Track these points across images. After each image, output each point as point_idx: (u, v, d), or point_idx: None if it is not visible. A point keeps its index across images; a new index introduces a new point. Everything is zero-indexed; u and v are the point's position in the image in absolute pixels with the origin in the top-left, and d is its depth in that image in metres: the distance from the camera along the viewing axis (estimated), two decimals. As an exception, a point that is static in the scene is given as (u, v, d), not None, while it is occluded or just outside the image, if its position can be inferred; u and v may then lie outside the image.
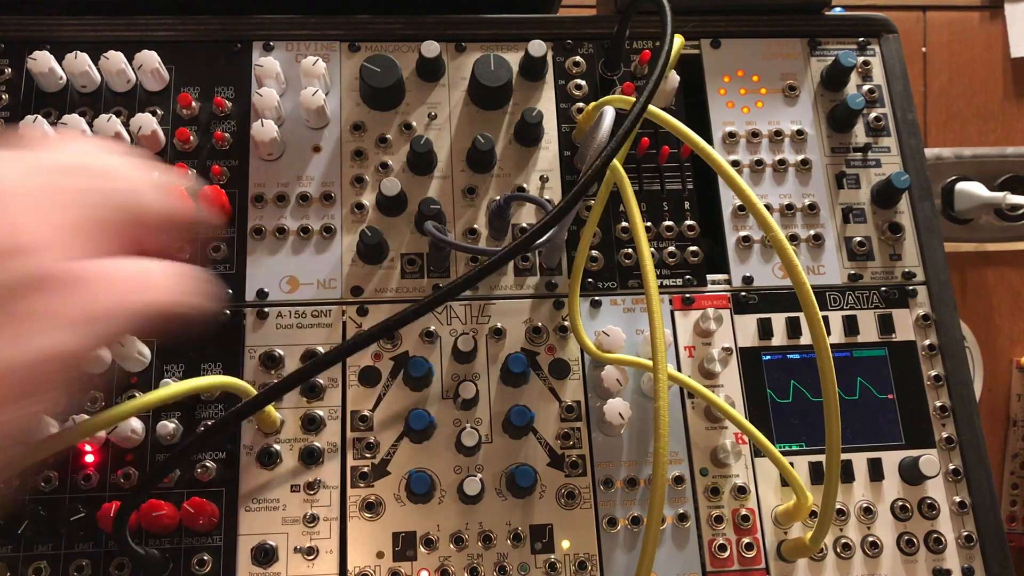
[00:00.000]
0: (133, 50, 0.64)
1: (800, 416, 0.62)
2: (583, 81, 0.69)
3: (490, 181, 0.66)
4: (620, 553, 0.58)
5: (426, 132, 0.67)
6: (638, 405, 0.61)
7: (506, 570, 0.57)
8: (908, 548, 0.60)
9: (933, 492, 0.61)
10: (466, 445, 0.57)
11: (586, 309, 0.64)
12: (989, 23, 1.10)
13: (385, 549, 0.57)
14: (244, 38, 0.68)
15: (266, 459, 0.57)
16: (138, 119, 0.62)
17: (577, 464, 0.60)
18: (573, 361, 0.62)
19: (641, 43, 0.71)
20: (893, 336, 0.65)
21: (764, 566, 0.59)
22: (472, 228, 0.64)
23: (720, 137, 0.69)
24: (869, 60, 0.72)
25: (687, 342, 0.63)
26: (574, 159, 0.67)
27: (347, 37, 0.69)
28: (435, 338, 0.62)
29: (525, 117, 0.64)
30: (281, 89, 0.66)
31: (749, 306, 0.65)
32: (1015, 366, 1.02)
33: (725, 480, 0.60)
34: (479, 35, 0.70)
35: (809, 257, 0.67)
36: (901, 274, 0.67)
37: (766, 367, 0.63)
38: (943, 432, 0.63)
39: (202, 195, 0.60)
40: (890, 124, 0.71)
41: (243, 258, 0.63)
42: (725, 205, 0.67)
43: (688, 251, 0.66)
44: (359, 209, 0.64)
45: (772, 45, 0.72)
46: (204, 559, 0.55)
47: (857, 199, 0.68)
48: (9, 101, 0.64)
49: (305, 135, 0.66)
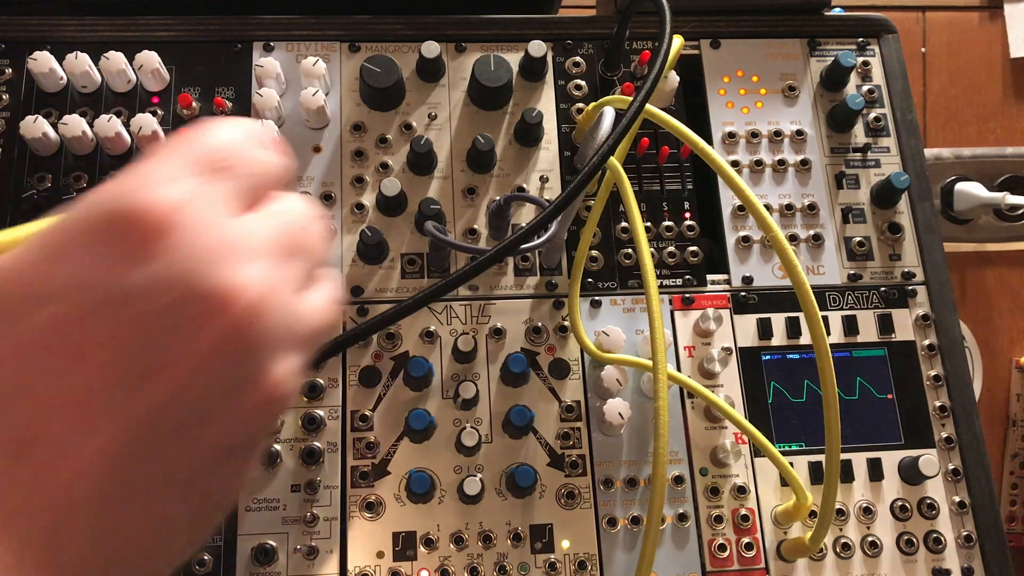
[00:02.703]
0: (133, 50, 0.64)
1: (800, 416, 0.62)
2: (583, 81, 0.69)
3: (490, 181, 0.66)
4: (620, 553, 0.58)
5: (426, 132, 0.67)
6: (638, 405, 0.61)
7: (506, 570, 0.57)
8: (908, 548, 0.60)
9: (933, 492, 0.61)
10: (466, 445, 0.57)
11: (586, 309, 0.64)
12: (989, 23, 1.10)
13: (385, 549, 0.57)
14: (244, 38, 0.68)
15: (266, 459, 0.58)
16: (138, 119, 0.62)
17: (577, 464, 0.60)
18: (573, 361, 0.62)
19: (641, 43, 0.71)
20: (893, 336, 0.65)
21: (764, 566, 0.59)
22: (472, 228, 0.65)
23: (720, 137, 0.69)
24: (869, 60, 0.72)
25: (687, 342, 0.64)
26: (574, 159, 0.67)
27: (347, 37, 0.69)
28: (435, 338, 0.62)
29: (525, 117, 0.64)
30: (281, 89, 0.66)
31: (749, 306, 0.65)
32: (1015, 366, 1.02)
33: (725, 480, 0.60)
34: (479, 35, 0.70)
35: (809, 257, 0.67)
36: (901, 274, 0.67)
37: (766, 367, 0.63)
38: (943, 432, 0.63)
39: None
40: (890, 124, 0.71)
41: (243, 258, 0.62)
42: (725, 205, 0.67)
43: (688, 251, 0.66)
44: (359, 209, 0.64)
45: (772, 45, 0.72)
46: (204, 559, 0.56)
47: (857, 199, 0.68)
48: (9, 101, 0.65)
49: (305, 135, 0.66)
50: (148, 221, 0.25)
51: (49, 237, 0.25)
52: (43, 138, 0.61)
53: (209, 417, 0.26)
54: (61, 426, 0.24)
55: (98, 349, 0.24)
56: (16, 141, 0.63)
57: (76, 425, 0.24)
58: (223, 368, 0.26)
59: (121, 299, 0.24)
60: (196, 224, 0.25)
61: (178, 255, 0.25)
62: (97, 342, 0.24)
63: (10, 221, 0.62)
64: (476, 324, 0.62)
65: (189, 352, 0.25)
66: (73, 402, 0.24)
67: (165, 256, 0.25)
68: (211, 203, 0.26)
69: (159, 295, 0.24)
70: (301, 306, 0.29)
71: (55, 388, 0.24)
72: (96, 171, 0.63)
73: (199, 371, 0.25)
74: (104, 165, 0.64)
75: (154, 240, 0.25)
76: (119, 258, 0.24)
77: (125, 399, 0.24)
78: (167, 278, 0.25)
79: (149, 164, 0.26)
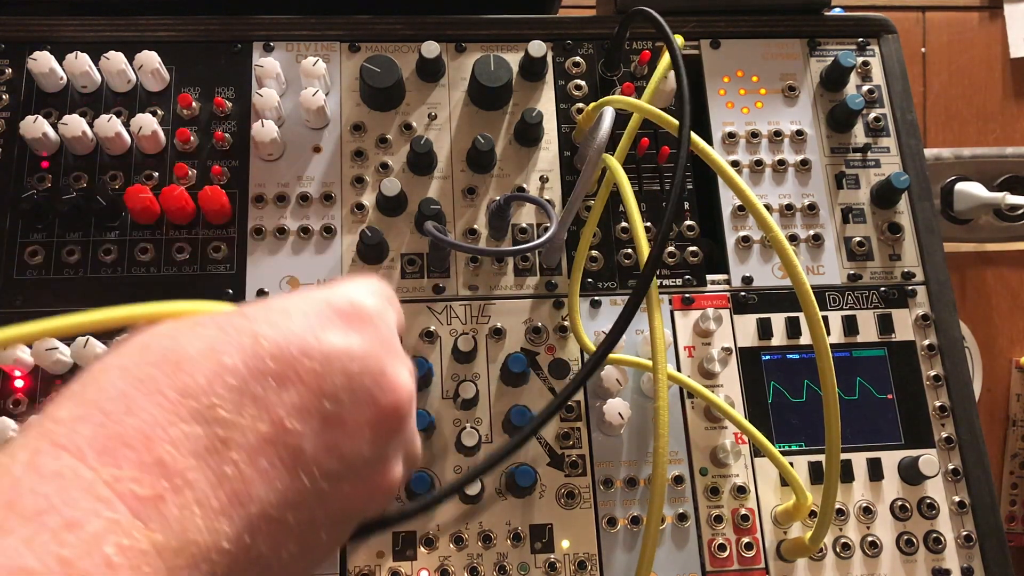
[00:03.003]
0: (133, 50, 0.64)
1: (800, 416, 0.62)
2: (583, 81, 0.69)
3: (490, 181, 0.66)
4: (620, 553, 0.58)
5: (426, 132, 0.67)
6: (638, 405, 0.61)
7: (506, 570, 0.57)
8: (907, 548, 0.60)
9: (932, 492, 0.61)
10: (466, 445, 0.57)
11: (586, 309, 0.64)
12: (989, 23, 1.10)
13: (385, 549, 0.57)
14: (244, 38, 0.68)
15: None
16: (138, 119, 0.62)
17: (577, 464, 0.60)
18: (573, 361, 0.62)
19: (641, 43, 0.71)
20: (892, 336, 0.65)
21: (764, 566, 0.59)
22: (472, 228, 0.65)
23: (720, 137, 0.69)
24: (868, 60, 0.72)
25: (687, 342, 0.64)
26: (574, 159, 0.67)
27: (347, 37, 0.69)
28: (435, 338, 0.62)
29: (525, 117, 0.64)
30: (281, 89, 0.66)
31: (749, 306, 0.65)
32: (1014, 366, 1.02)
33: (725, 480, 0.60)
34: (479, 35, 0.70)
35: (808, 257, 0.67)
36: (900, 274, 0.67)
37: (766, 367, 0.63)
38: (942, 432, 0.63)
39: (202, 195, 0.61)
40: (889, 124, 0.71)
41: (243, 258, 0.63)
42: (725, 205, 0.67)
43: (688, 251, 0.66)
44: (359, 209, 0.64)
45: (772, 46, 0.72)
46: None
47: (856, 199, 0.68)
48: (9, 101, 0.65)
49: (305, 135, 0.66)
50: (392, 380, 0.33)
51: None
52: (43, 138, 0.61)
53: (350, 477, 0.32)
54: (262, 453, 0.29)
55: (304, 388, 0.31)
56: (16, 141, 0.63)
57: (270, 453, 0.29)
58: (373, 439, 0.32)
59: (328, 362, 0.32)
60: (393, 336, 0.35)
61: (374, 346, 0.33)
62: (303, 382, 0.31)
63: (10, 221, 0.62)
64: (476, 324, 0.62)
65: (360, 415, 0.31)
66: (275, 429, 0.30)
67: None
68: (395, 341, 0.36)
69: (356, 367, 0.32)
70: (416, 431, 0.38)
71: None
72: (96, 171, 0.63)
73: (359, 434, 0.31)
74: (104, 165, 0.64)
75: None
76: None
77: (311, 434, 0.30)
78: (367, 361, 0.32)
79: (394, 359, 0.34)
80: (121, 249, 0.62)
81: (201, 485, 0.26)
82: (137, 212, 0.61)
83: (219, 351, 0.29)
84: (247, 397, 0.28)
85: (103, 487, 0.24)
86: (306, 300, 0.33)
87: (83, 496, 0.24)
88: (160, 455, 0.26)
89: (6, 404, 0.58)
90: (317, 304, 0.33)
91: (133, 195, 0.60)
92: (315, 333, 0.31)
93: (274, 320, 0.31)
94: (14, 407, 0.57)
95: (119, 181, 0.63)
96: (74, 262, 0.61)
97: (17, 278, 0.61)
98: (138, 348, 0.29)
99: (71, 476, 0.24)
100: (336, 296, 0.33)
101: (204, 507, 0.26)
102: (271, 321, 0.31)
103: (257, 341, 0.30)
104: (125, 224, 0.62)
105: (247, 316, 0.31)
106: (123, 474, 0.25)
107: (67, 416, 0.26)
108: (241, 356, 0.29)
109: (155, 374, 0.28)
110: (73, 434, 0.26)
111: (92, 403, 0.27)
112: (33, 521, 0.23)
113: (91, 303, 0.60)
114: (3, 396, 0.58)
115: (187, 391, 0.27)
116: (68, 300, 0.60)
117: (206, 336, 0.30)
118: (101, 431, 0.26)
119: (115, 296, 0.61)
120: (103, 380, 0.28)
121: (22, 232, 0.62)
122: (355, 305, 0.33)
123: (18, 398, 0.58)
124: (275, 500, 0.28)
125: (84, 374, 0.29)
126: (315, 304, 0.33)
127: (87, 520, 0.24)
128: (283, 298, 0.33)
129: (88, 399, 0.27)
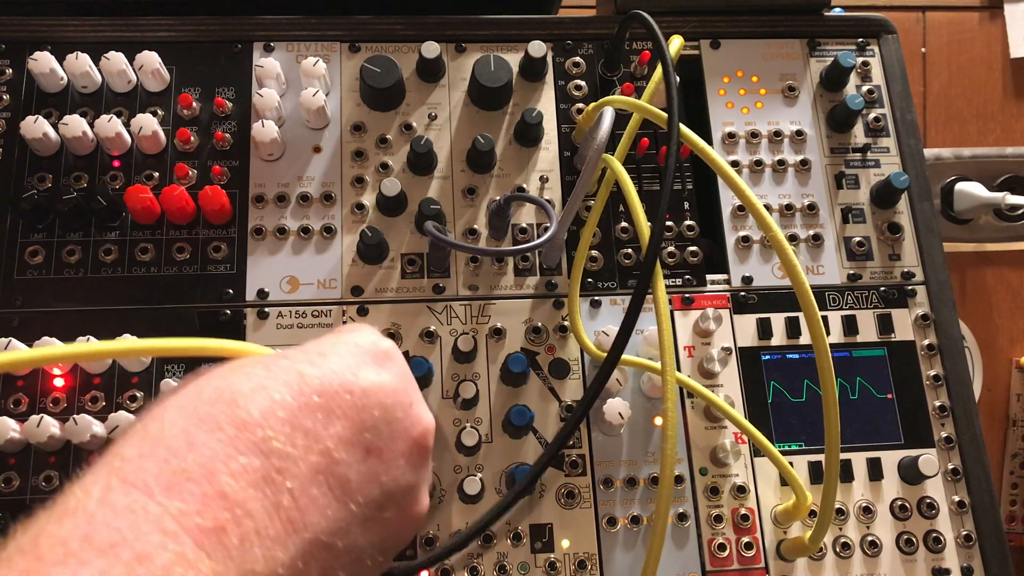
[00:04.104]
0: (134, 51, 0.64)
1: (799, 416, 0.62)
2: (583, 82, 0.69)
3: (490, 181, 0.66)
4: (620, 552, 0.58)
5: (426, 132, 0.67)
6: (637, 405, 0.61)
7: (506, 569, 0.57)
8: (907, 547, 0.60)
9: (932, 492, 0.61)
10: (466, 445, 0.57)
11: (586, 309, 0.64)
12: (989, 23, 1.10)
13: (385, 549, 0.57)
14: (244, 39, 0.68)
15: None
16: (139, 119, 0.62)
17: (577, 464, 0.60)
18: (573, 361, 0.62)
19: (641, 44, 0.71)
20: (892, 336, 0.65)
21: (763, 565, 0.59)
22: (472, 228, 0.65)
23: (720, 137, 0.69)
24: (868, 61, 0.72)
25: (687, 342, 0.64)
26: (574, 159, 0.67)
27: (347, 38, 0.69)
28: (435, 338, 0.62)
29: (525, 117, 0.64)
30: (281, 90, 0.66)
31: (748, 306, 0.65)
32: (1014, 366, 1.02)
33: (724, 480, 0.60)
34: (479, 36, 0.70)
35: (808, 257, 0.67)
36: (900, 274, 0.67)
37: (765, 367, 0.63)
38: (942, 432, 0.63)
39: (202, 195, 0.61)
40: (889, 124, 0.71)
41: (243, 258, 0.63)
42: (724, 205, 0.68)
43: (688, 251, 0.66)
44: (359, 209, 0.64)
45: (772, 46, 0.72)
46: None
47: (856, 199, 0.68)
48: (10, 101, 0.65)
49: (305, 135, 0.66)
50: (424, 424, 0.38)
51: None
52: (43, 138, 0.61)
53: (390, 505, 0.35)
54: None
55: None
56: (16, 141, 0.63)
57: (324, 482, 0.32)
58: (408, 468, 0.36)
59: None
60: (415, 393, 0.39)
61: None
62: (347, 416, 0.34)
63: (10, 221, 0.62)
64: (476, 324, 0.62)
65: (395, 446, 0.35)
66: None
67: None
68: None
69: (390, 400, 0.36)
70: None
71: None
72: (96, 171, 0.63)
73: (395, 464, 0.35)
74: (104, 165, 0.64)
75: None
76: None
77: (355, 463, 0.33)
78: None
79: (417, 393, 0.39)
80: (121, 249, 0.62)
81: (260, 515, 0.28)
82: (137, 212, 0.61)
83: (269, 388, 0.32)
84: (298, 430, 0.31)
85: (170, 521, 0.26)
86: (337, 343, 0.36)
87: (152, 530, 0.26)
88: (222, 487, 0.28)
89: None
90: (348, 345, 0.36)
91: (133, 195, 0.60)
92: (352, 371, 0.35)
93: (314, 360, 0.34)
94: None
95: (119, 181, 0.63)
96: (74, 262, 0.61)
97: (17, 278, 0.61)
98: (194, 390, 0.32)
99: (140, 511, 0.26)
100: (361, 338, 0.38)
101: (262, 536, 0.28)
102: (312, 361, 0.34)
103: (303, 379, 0.33)
104: (125, 224, 0.62)
105: (289, 357, 0.34)
106: (188, 508, 0.27)
107: (134, 454, 0.29)
108: (289, 392, 0.32)
109: (212, 412, 0.30)
110: (140, 471, 0.28)
111: (156, 440, 0.29)
112: (108, 554, 0.25)
113: (91, 303, 0.60)
114: (43, 394, 0.58)
115: (243, 425, 0.30)
116: (68, 300, 0.60)
117: (255, 375, 0.32)
118: (166, 467, 0.28)
119: (115, 296, 0.61)
120: (165, 419, 0.30)
121: (22, 232, 0.62)
122: (378, 346, 0.38)
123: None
124: (326, 527, 0.30)
125: (145, 415, 0.31)
126: (347, 345, 0.36)
127: (156, 553, 0.25)
128: (316, 342, 0.37)
129: (152, 437, 0.29)
